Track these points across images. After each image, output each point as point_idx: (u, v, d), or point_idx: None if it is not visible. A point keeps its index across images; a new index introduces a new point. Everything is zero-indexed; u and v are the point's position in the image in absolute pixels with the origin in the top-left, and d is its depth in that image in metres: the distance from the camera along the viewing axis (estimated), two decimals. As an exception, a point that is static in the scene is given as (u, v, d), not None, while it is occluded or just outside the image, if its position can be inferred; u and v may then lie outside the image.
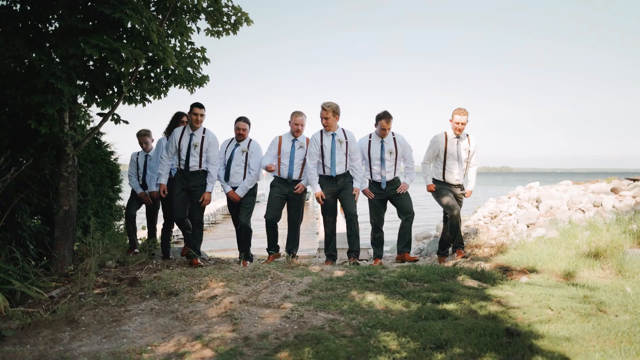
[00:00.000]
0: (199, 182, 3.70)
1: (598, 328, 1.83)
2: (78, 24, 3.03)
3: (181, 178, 3.70)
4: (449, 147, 3.80)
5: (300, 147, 3.89)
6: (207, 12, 3.84)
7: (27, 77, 3.19)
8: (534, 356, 1.58)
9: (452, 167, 3.80)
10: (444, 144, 3.81)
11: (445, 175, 3.84)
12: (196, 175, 3.69)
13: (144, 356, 1.76)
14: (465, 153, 3.84)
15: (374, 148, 3.89)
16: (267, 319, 2.10)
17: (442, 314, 2.08)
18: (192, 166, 3.67)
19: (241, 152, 3.91)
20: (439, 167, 3.87)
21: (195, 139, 3.68)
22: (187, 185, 3.66)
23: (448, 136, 3.83)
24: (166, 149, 3.75)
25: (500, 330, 1.82)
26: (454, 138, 3.81)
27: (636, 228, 3.12)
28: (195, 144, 3.66)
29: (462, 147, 3.83)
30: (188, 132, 3.70)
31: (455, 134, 3.78)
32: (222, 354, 1.73)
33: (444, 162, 3.81)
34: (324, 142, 3.78)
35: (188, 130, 3.71)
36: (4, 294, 2.43)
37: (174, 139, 3.71)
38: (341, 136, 3.80)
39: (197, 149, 3.67)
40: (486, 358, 1.59)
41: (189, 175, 3.67)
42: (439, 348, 1.69)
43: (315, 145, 3.81)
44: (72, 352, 1.87)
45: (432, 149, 3.87)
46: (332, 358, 1.63)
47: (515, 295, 2.40)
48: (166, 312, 2.29)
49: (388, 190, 3.88)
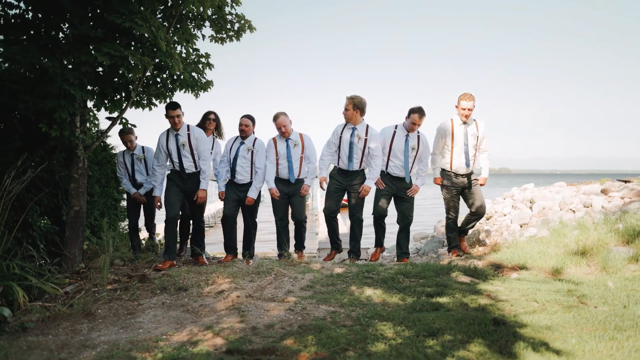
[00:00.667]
0: (196, 183, 3.68)
1: (578, 318, 2.01)
2: (90, 32, 3.20)
3: (177, 179, 3.67)
4: (456, 134, 3.68)
5: (295, 146, 3.90)
6: (212, 20, 4.02)
7: (39, 83, 3.36)
8: (517, 341, 1.76)
9: (460, 154, 3.69)
10: (450, 131, 3.71)
11: (454, 164, 3.73)
12: (194, 177, 3.67)
13: (160, 344, 1.93)
14: (474, 139, 3.71)
15: (397, 140, 3.80)
16: (273, 312, 2.28)
17: (435, 307, 2.26)
18: (187, 167, 3.64)
19: (247, 150, 3.90)
20: (447, 155, 3.76)
21: (182, 139, 3.61)
22: (184, 187, 3.66)
23: (454, 122, 3.72)
24: (156, 158, 3.70)
25: (488, 320, 2.00)
26: (461, 124, 3.70)
27: (622, 227, 3.31)
28: (183, 144, 3.60)
29: (470, 133, 3.70)
30: (172, 134, 3.63)
31: (462, 120, 3.67)
32: (232, 341, 1.90)
33: (452, 149, 3.71)
34: (344, 134, 3.77)
35: (172, 132, 3.64)
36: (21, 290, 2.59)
37: (161, 146, 3.65)
38: (362, 132, 3.72)
39: (186, 148, 3.61)
40: (473, 344, 1.76)
41: (186, 177, 3.65)
42: (431, 335, 1.86)
43: (334, 135, 3.82)
44: (93, 341, 2.04)
45: (439, 137, 3.78)
46: (333, 344, 1.80)
47: (504, 289, 2.58)
48: (177, 306, 2.46)
49: (398, 187, 3.83)
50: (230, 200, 3.94)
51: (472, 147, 3.73)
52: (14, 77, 3.41)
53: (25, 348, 1.99)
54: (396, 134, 3.82)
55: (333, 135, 3.86)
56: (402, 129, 3.83)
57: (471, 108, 3.63)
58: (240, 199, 3.91)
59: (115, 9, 3.26)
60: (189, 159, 3.63)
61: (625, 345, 1.67)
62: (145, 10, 3.46)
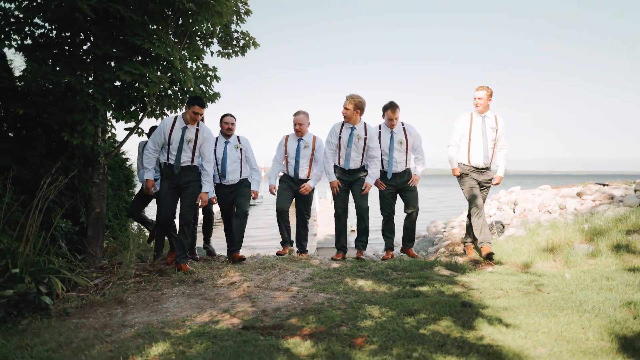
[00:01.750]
0: (192, 177, 3.51)
1: (531, 301, 2.48)
2: (112, 52, 3.64)
3: (169, 174, 3.49)
4: (474, 126, 3.73)
5: (305, 147, 4.00)
6: (219, 37, 4.47)
7: (63, 97, 3.78)
8: (477, 318, 2.22)
9: (478, 147, 3.71)
10: (468, 123, 3.76)
11: (471, 157, 3.75)
12: (188, 170, 3.51)
13: (187, 323, 2.38)
14: (492, 132, 3.72)
15: (383, 139, 3.93)
16: (279, 298, 2.73)
17: (416, 294, 2.73)
18: (183, 161, 3.50)
19: (235, 148, 3.93)
20: (464, 148, 3.79)
21: (189, 134, 3.46)
22: (177, 182, 3.48)
23: (473, 115, 3.78)
24: (153, 141, 3.52)
25: (458, 303, 2.47)
26: (478, 117, 3.75)
27: (587, 227, 3.79)
28: (189, 139, 3.44)
29: (489, 126, 3.73)
30: (180, 124, 3.49)
31: (477, 111, 3.73)
32: (247, 320, 2.36)
33: (469, 142, 3.74)
34: (342, 133, 3.87)
35: (180, 122, 3.49)
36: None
37: (163, 132, 3.47)
38: (361, 132, 3.83)
39: (190, 145, 3.46)
40: (443, 320, 2.22)
41: (180, 171, 3.48)
42: (409, 315, 2.33)
43: (333, 135, 3.93)
44: (129, 322, 2.48)
45: (457, 129, 3.82)
46: (329, 322, 2.26)
47: (477, 280, 3.05)
48: (196, 295, 2.91)
49: (399, 182, 3.95)
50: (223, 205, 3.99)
51: (490, 140, 3.73)
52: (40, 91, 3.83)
53: (72, 328, 2.43)
54: (381, 133, 3.98)
55: (331, 135, 3.95)
56: (385, 127, 4.00)
57: (482, 97, 3.68)
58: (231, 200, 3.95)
59: (134, 30, 3.71)
60: (188, 154, 3.49)
61: (562, 320, 2.14)
62: (160, 31, 3.91)
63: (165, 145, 3.49)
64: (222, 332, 2.18)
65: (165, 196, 3.53)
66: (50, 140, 4.40)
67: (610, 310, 2.23)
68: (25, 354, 2.06)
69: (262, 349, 1.94)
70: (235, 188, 3.94)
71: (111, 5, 3.46)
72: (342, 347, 1.93)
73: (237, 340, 2.06)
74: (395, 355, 1.83)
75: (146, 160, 3.59)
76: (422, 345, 1.91)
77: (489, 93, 3.72)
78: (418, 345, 1.92)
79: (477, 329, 2.09)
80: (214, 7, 3.89)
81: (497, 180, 3.88)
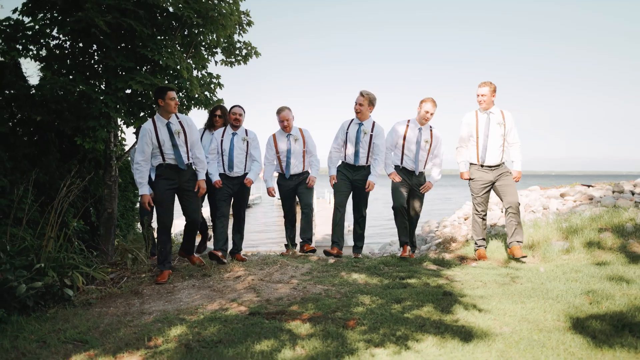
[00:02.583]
0: (191, 175, 3.49)
1: (505, 291, 2.84)
2: (124, 63, 3.97)
3: (167, 174, 3.40)
4: (480, 124, 3.71)
5: (296, 141, 4.06)
6: (223, 47, 4.81)
7: (77, 104, 4.09)
8: (455, 304, 2.58)
9: (487, 145, 3.68)
10: (474, 121, 3.75)
11: (480, 156, 3.72)
12: (190, 169, 3.52)
13: (199, 310, 2.72)
14: (500, 128, 3.68)
15: (410, 133, 3.92)
16: (281, 290, 3.08)
17: (405, 285, 3.08)
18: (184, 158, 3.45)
19: (242, 141, 3.95)
20: (473, 147, 3.77)
21: (174, 127, 3.40)
22: (178, 182, 3.41)
23: (478, 112, 3.77)
24: (141, 152, 3.36)
25: (440, 292, 2.82)
26: (483, 114, 3.73)
27: (565, 226, 4.16)
28: (178, 131, 3.39)
29: (496, 122, 3.69)
30: (161, 122, 3.39)
31: (480, 107, 3.72)
32: (253, 308, 2.70)
33: (477, 140, 3.71)
34: (350, 129, 3.99)
35: (160, 120, 3.39)
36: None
37: (150, 137, 3.33)
38: (368, 128, 3.92)
39: (181, 137, 3.39)
40: (425, 306, 2.57)
41: (179, 170, 3.42)
42: (397, 302, 2.68)
43: (341, 131, 4.04)
44: (147, 310, 2.82)
45: (464, 128, 3.81)
46: (326, 308, 2.61)
47: (461, 274, 3.41)
48: (205, 287, 3.25)
49: (414, 183, 3.97)
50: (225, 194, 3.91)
51: (499, 136, 3.68)
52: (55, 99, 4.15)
53: (96, 315, 2.77)
54: (409, 127, 3.99)
55: (340, 131, 4.08)
56: (415, 122, 4.00)
57: (485, 94, 3.67)
58: (234, 192, 3.95)
59: (144, 43, 4.04)
60: (184, 148, 3.42)
61: (527, 305, 2.50)
62: (168, 42, 4.25)
63: (156, 149, 3.37)
64: (231, 317, 2.53)
65: (163, 200, 3.39)
66: (62, 144, 4.73)
67: (571, 297, 2.59)
68: (60, 336, 2.40)
69: (267, 330, 2.29)
70: (239, 182, 3.96)
71: (124, 20, 3.80)
72: (337, 328, 2.27)
73: (245, 323, 2.41)
74: (381, 334, 2.18)
75: (138, 175, 3.40)
76: (405, 326, 2.26)
77: (492, 89, 3.69)
78: (402, 326, 2.27)
79: (454, 313, 2.45)
80: (219, 20, 4.23)
81: (515, 174, 3.78)
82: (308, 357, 1.96)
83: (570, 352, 1.86)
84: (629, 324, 2.11)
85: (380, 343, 2.07)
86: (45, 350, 2.22)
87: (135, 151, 3.50)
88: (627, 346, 1.88)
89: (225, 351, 2.05)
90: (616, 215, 4.07)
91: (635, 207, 4.27)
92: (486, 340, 2.04)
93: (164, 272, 3.44)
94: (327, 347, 2.04)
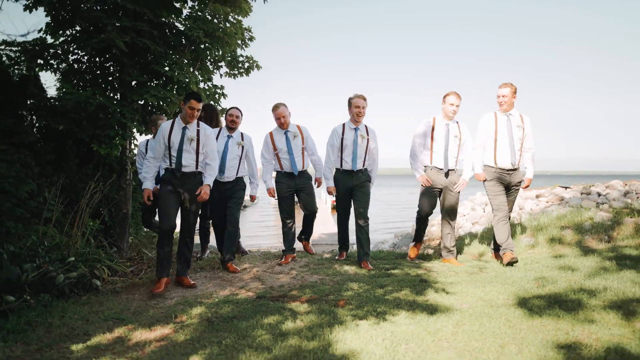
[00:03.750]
0: (195, 184, 3.40)
1: (472, 278, 3.45)
2: (139, 78, 4.53)
3: (171, 179, 3.38)
4: (500, 126, 3.70)
5: (295, 137, 4.01)
6: (227, 61, 5.38)
7: (94, 114, 4.64)
8: (428, 289, 3.17)
9: (505, 148, 3.69)
10: (493, 122, 3.73)
11: (498, 159, 3.71)
12: (192, 177, 3.41)
13: (214, 296, 3.29)
14: (519, 131, 3.69)
15: (439, 130, 3.83)
16: (282, 279, 3.66)
17: (388, 275, 3.68)
18: (185, 166, 3.38)
19: (237, 145, 3.91)
20: (490, 149, 3.75)
21: (190, 133, 3.37)
22: (179, 188, 3.38)
23: (497, 115, 3.76)
24: (152, 149, 3.41)
25: (417, 280, 3.43)
26: (503, 115, 3.73)
27: (534, 224, 4.78)
28: (191, 138, 3.35)
29: (515, 124, 3.70)
30: (179, 125, 3.39)
31: (500, 109, 3.73)
32: (259, 293, 3.28)
33: (495, 142, 3.70)
34: (346, 135, 3.95)
35: (178, 123, 3.40)
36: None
37: (163, 135, 3.35)
38: (363, 131, 3.94)
39: (193, 144, 3.36)
40: (403, 290, 3.17)
41: (181, 177, 3.37)
42: (380, 287, 3.27)
43: (335, 138, 3.96)
44: (168, 295, 3.39)
45: (482, 130, 3.79)
46: (321, 293, 3.19)
47: (438, 266, 4.01)
48: (215, 278, 3.82)
49: (446, 181, 3.87)
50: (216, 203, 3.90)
51: (517, 140, 3.69)
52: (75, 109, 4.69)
53: (125, 301, 3.33)
54: (437, 124, 3.88)
55: (334, 139, 3.98)
56: (442, 118, 3.90)
57: (506, 95, 3.67)
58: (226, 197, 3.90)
59: (157, 59, 4.61)
60: (192, 155, 3.38)
61: (486, 289, 3.10)
62: (179, 59, 4.82)
63: (166, 149, 3.37)
64: (242, 300, 3.11)
65: (165, 203, 3.36)
66: (78, 150, 5.27)
67: (524, 282, 3.20)
68: (100, 315, 2.96)
69: (273, 309, 2.87)
70: (230, 186, 3.92)
71: (140, 40, 4.35)
72: (329, 307, 2.86)
73: (254, 304, 2.99)
74: (365, 310, 2.77)
75: (145, 169, 3.46)
76: (384, 305, 2.85)
77: (513, 90, 3.69)
78: (382, 304, 2.86)
79: (425, 295, 3.05)
80: (224, 39, 4.80)
81: (527, 182, 3.84)
82: (306, 327, 2.54)
83: (508, 320, 2.46)
84: (562, 300, 2.72)
85: (364, 317, 2.66)
86: (90, 325, 2.78)
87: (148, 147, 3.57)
88: (554, 316, 2.49)
89: (240, 324, 2.63)
90: (578, 215, 4.70)
91: (596, 207, 4.91)
92: (448, 313, 2.64)
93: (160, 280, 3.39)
94: (321, 320, 2.62)
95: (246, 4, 5.06)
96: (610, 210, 4.65)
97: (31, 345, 2.47)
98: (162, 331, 2.60)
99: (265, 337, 2.37)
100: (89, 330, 2.71)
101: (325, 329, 2.45)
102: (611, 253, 3.79)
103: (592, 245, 4.17)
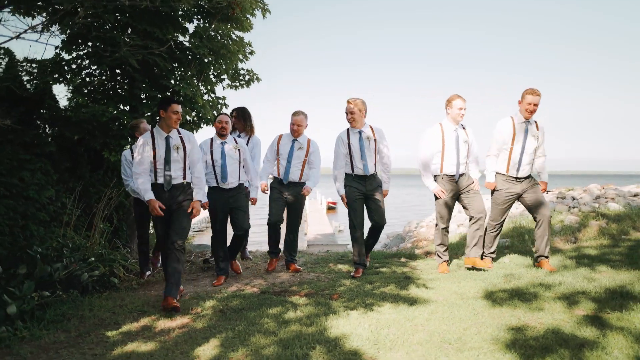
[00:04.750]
0: (185, 196, 3.33)
1: (450, 275, 4.00)
2: (149, 92, 5.02)
3: (160, 195, 3.27)
4: (517, 134, 3.65)
5: (299, 149, 4.02)
6: (229, 75, 5.89)
7: (105, 124, 5.11)
8: (411, 284, 3.72)
9: (520, 156, 3.65)
10: (511, 130, 3.66)
11: (511, 167, 3.69)
12: (180, 188, 3.34)
13: (222, 291, 3.81)
14: (535, 140, 3.67)
15: (449, 136, 3.77)
16: (282, 277, 4.19)
17: (377, 272, 4.22)
18: (175, 176, 3.29)
19: (234, 150, 3.92)
20: (505, 157, 3.71)
21: (174, 141, 3.26)
22: (168, 202, 3.28)
23: (515, 121, 3.69)
24: (139, 163, 3.24)
25: (402, 277, 3.97)
26: (522, 123, 3.67)
27: (512, 227, 5.35)
28: (177, 146, 3.25)
29: (531, 133, 3.64)
30: (160, 135, 3.27)
31: (525, 117, 3.64)
32: (263, 288, 3.81)
33: (511, 150, 3.65)
34: (351, 139, 3.88)
35: (159, 133, 3.27)
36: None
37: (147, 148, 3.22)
38: (369, 133, 3.88)
39: (180, 153, 3.25)
40: (389, 285, 3.71)
41: (170, 190, 3.29)
42: (369, 283, 3.81)
43: (342, 145, 3.90)
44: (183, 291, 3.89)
45: (499, 136, 3.74)
46: (317, 288, 3.73)
47: (423, 265, 4.57)
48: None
49: (461, 186, 3.83)
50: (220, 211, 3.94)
51: (532, 149, 3.68)
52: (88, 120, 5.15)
53: (143, 296, 3.84)
54: (445, 130, 3.83)
55: (340, 146, 3.93)
56: (448, 123, 3.86)
57: (537, 103, 3.58)
58: (230, 204, 3.92)
59: (166, 75, 5.10)
60: (180, 165, 3.29)
61: (461, 284, 3.65)
62: (185, 74, 5.32)
63: (151, 164, 3.25)
64: (248, 295, 3.63)
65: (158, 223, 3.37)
66: (89, 157, 5.75)
67: (493, 279, 3.76)
68: (124, 308, 3.46)
69: (276, 301, 3.40)
70: (233, 194, 3.95)
71: (151, 57, 4.84)
72: (325, 300, 3.39)
73: (259, 298, 3.52)
74: (355, 302, 3.31)
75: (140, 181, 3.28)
76: (372, 298, 3.39)
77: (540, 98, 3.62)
78: (370, 297, 3.40)
79: (408, 290, 3.59)
80: (227, 56, 5.30)
81: (543, 187, 3.86)
82: (305, 316, 3.07)
83: (473, 309, 3.01)
84: (522, 293, 3.28)
85: (354, 307, 3.20)
86: (118, 316, 3.29)
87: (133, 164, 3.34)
88: (512, 305, 3.04)
89: (248, 314, 3.15)
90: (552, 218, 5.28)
91: (567, 210, 5.50)
92: (425, 304, 3.19)
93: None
94: (318, 310, 3.15)
95: (247, 21, 5.56)
96: (579, 214, 5.23)
97: (71, 332, 2.97)
98: (182, 320, 3.11)
99: (271, 324, 2.90)
100: (118, 320, 3.21)
101: (322, 317, 2.99)
102: (574, 253, 4.36)
103: (559, 246, 4.74)
